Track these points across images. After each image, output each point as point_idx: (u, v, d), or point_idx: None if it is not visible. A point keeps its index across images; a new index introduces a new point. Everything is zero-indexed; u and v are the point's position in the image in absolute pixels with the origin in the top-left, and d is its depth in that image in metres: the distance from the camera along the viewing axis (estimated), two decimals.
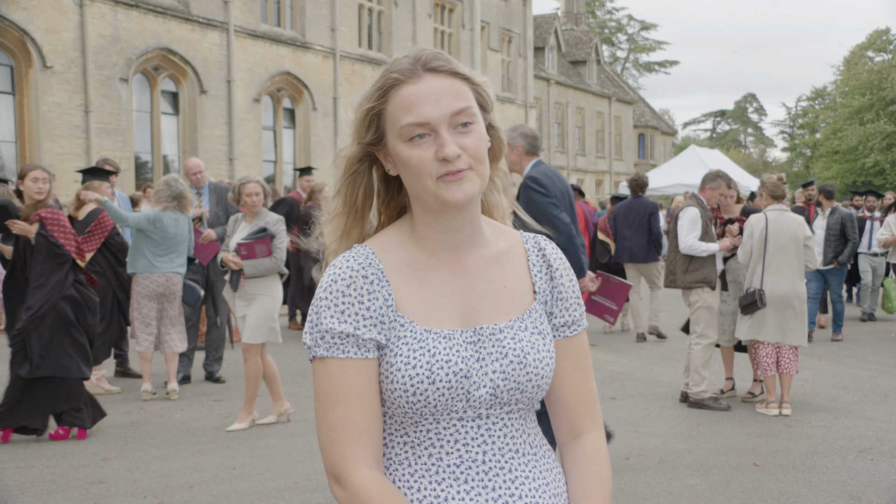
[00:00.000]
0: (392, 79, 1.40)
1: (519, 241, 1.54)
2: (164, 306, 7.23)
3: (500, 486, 1.39)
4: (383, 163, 1.46)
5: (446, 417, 1.38)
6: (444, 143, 1.36)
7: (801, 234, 6.74)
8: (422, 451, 1.39)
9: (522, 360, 1.41)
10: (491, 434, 1.40)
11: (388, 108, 1.40)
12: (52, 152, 16.82)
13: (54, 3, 16.81)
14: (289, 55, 22.31)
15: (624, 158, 45.44)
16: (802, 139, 58.57)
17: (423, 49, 1.43)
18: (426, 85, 1.38)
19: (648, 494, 4.80)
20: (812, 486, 4.92)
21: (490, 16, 32.08)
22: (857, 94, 40.70)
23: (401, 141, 1.38)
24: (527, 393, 1.42)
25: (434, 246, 1.45)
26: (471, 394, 1.38)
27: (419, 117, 1.36)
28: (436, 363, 1.36)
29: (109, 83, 17.91)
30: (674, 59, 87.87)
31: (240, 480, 5.03)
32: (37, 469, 5.25)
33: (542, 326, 1.47)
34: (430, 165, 1.36)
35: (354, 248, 1.44)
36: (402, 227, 1.48)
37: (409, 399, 1.35)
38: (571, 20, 45.19)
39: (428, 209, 1.42)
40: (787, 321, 6.66)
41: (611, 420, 6.50)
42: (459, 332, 1.41)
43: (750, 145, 74.90)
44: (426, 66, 1.39)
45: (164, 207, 7.15)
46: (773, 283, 6.67)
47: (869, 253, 12.09)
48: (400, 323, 1.39)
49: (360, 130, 1.45)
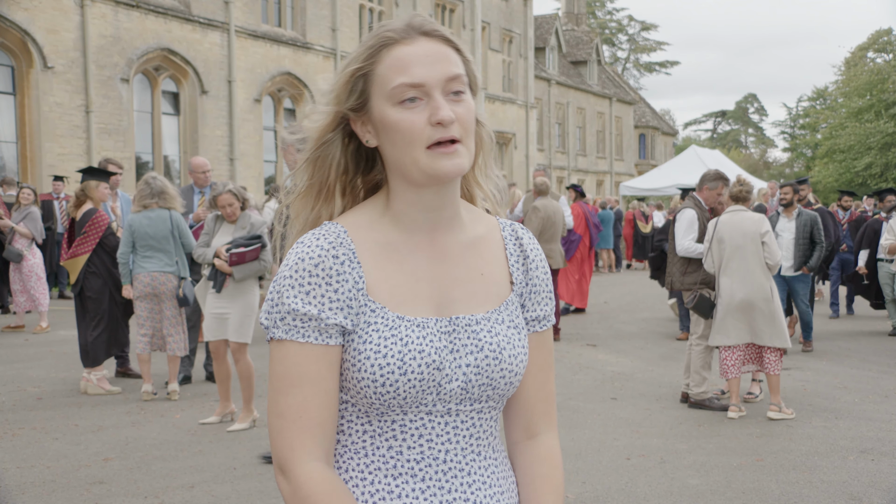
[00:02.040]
0: (385, 37, 1.31)
1: (496, 227, 1.45)
2: (159, 307, 7.15)
3: (456, 487, 1.33)
4: (359, 133, 1.36)
5: (414, 410, 1.30)
6: (438, 107, 1.27)
7: (757, 231, 6.48)
8: (381, 443, 1.32)
9: (498, 356, 1.34)
10: (457, 432, 1.34)
11: (378, 69, 1.31)
12: (53, 152, 16.83)
13: (55, 4, 16.82)
14: (289, 55, 22.31)
15: (625, 159, 45.44)
16: (803, 139, 58.55)
17: (415, 14, 1.36)
18: (421, 46, 1.30)
19: (649, 495, 4.79)
20: (813, 487, 4.92)
21: (491, 16, 32.09)
22: (857, 95, 40.70)
23: (390, 104, 1.29)
24: (498, 389, 1.35)
25: (411, 225, 1.36)
26: (442, 387, 1.30)
27: (413, 78, 1.28)
28: (408, 353, 1.28)
29: (110, 83, 17.92)
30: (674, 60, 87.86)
31: (241, 480, 5.03)
32: (38, 469, 5.25)
33: (518, 320, 1.40)
34: (422, 130, 1.28)
35: (325, 226, 1.34)
36: (376, 205, 1.38)
37: (378, 390, 1.27)
38: (572, 20, 45.18)
39: (411, 182, 1.32)
40: (758, 322, 6.47)
41: (611, 420, 6.50)
42: (434, 321, 1.32)
43: (751, 146, 74.88)
44: (420, 29, 1.32)
45: (140, 207, 7.05)
46: (733, 285, 6.50)
47: (886, 259, 10.73)
48: (371, 308, 1.30)
49: (340, 94, 1.34)
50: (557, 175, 37.78)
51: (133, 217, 7.09)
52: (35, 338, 10.40)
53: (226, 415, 6.40)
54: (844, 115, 41.93)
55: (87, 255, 7.43)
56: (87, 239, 7.44)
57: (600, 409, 6.87)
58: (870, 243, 11.25)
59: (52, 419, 6.47)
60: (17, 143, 16.93)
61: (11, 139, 16.92)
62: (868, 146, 38.25)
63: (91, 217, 7.47)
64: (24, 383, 7.77)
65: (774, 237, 6.61)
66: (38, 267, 10.83)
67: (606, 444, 5.79)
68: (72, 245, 7.54)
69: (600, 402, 7.10)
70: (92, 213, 7.49)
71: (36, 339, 10.28)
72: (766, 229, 6.50)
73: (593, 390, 7.58)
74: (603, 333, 11.09)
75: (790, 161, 63.98)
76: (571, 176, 39.22)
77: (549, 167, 34.81)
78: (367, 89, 1.33)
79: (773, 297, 6.52)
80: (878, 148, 38.01)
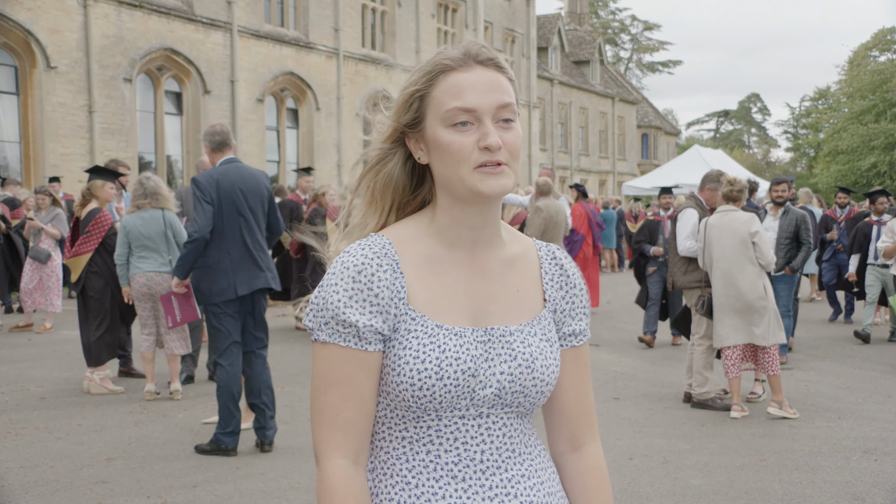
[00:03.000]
0: (442, 64, 1.40)
1: (532, 248, 1.54)
2: (156, 307, 7.18)
3: (496, 484, 1.40)
4: (412, 149, 1.45)
5: (448, 414, 1.38)
6: (487, 133, 1.36)
7: (746, 231, 6.44)
8: (420, 448, 1.39)
9: (530, 365, 1.41)
10: (490, 433, 1.40)
11: (434, 92, 1.40)
12: (56, 152, 16.86)
13: (58, 4, 16.84)
14: (292, 55, 22.32)
15: (627, 158, 45.41)
16: (806, 139, 58.48)
17: (472, 42, 1.44)
18: (476, 75, 1.39)
19: (652, 495, 4.79)
20: (816, 487, 4.91)
21: (493, 16, 32.08)
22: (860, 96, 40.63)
23: (442, 125, 1.38)
24: (530, 398, 1.42)
25: (454, 241, 1.44)
26: (476, 393, 1.38)
27: (466, 103, 1.37)
28: (445, 359, 1.36)
29: (113, 83, 17.94)
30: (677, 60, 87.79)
31: (243, 480, 5.04)
32: (41, 469, 5.26)
33: (550, 334, 1.48)
34: (470, 153, 1.36)
35: (370, 237, 1.42)
36: (420, 220, 1.47)
37: (415, 393, 1.35)
38: (575, 20, 45.16)
39: (458, 199, 1.41)
40: (754, 321, 6.46)
41: (614, 420, 6.49)
42: (470, 331, 1.40)
43: (753, 145, 74.81)
44: (476, 57, 1.41)
45: (134, 208, 7.09)
46: (726, 286, 6.49)
47: (877, 264, 10.28)
48: (411, 316, 1.38)
49: (399, 111, 1.44)
50: (560, 175, 37.74)
51: (127, 218, 7.11)
52: (38, 337, 10.42)
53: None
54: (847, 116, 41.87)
55: (89, 255, 7.44)
56: (89, 238, 7.44)
57: (603, 409, 6.87)
58: (860, 248, 10.73)
59: (55, 419, 6.48)
60: (20, 143, 16.95)
61: (14, 139, 16.94)
62: (871, 147, 38.19)
63: (95, 216, 7.48)
64: (28, 383, 7.78)
65: (764, 237, 6.56)
66: (59, 268, 10.88)
67: (609, 445, 5.78)
68: (75, 244, 7.55)
69: (603, 403, 7.09)
70: (96, 213, 7.50)
71: (39, 339, 10.29)
72: (756, 229, 6.47)
73: (596, 390, 7.57)
74: (605, 333, 11.08)
75: (793, 161, 63.91)
76: (574, 176, 39.20)
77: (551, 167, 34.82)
78: (422, 109, 1.42)
79: (768, 295, 6.50)
80: (881, 148, 37.96)
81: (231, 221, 5.44)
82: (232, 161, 5.61)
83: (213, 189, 5.41)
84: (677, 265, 7.31)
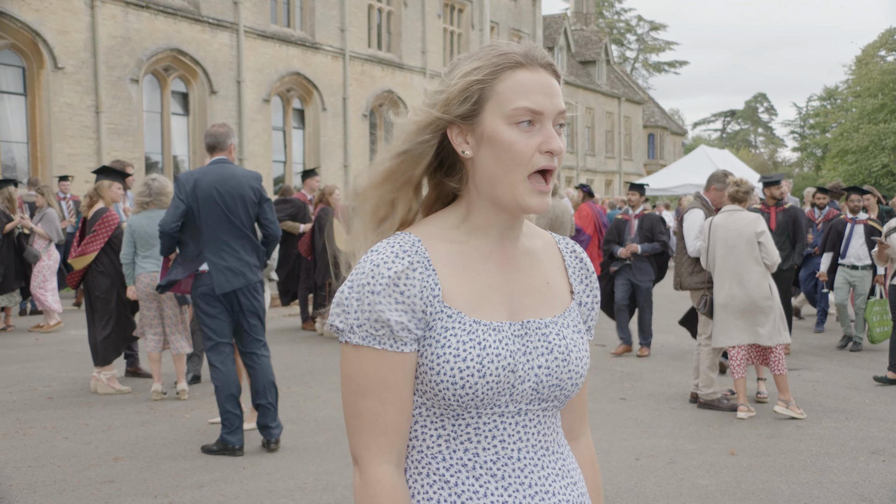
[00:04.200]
0: (513, 60, 1.37)
1: (552, 242, 1.54)
2: (161, 306, 7.21)
3: (535, 482, 1.39)
4: (454, 141, 1.39)
5: (488, 412, 1.36)
6: (551, 137, 1.35)
7: (751, 231, 6.44)
8: (457, 446, 1.37)
9: (567, 357, 1.41)
10: (527, 431, 1.40)
11: (498, 87, 1.36)
12: (64, 153, 16.90)
13: (66, 5, 16.89)
14: (298, 56, 22.34)
15: (633, 158, 45.34)
16: (813, 139, 58.31)
17: (534, 45, 1.42)
18: (542, 77, 1.37)
19: (658, 495, 4.78)
20: (823, 488, 4.90)
21: (500, 16, 32.06)
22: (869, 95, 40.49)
23: (506, 122, 1.35)
24: (565, 390, 1.42)
25: (484, 238, 1.42)
26: (515, 388, 1.36)
27: (535, 104, 1.35)
28: (486, 356, 1.33)
29: (120, 84, 17.98)
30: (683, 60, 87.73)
31: (250, 480, 5.04)
32: (48, 468, 5.27)
33: (580, 325, 1.49)
34: (531, 155, 1.35)
35: (398, 235, 1.38)
36: (448, 217, 1.44)
37: (457, 392, 1.33)
38: (581, 20, 45.11)
39: (497, 205, 1.38)
40: (759, 322, 6.45)
41: (620, 421, 6.48)
42: (508, 325, 1.38)
43: (760, 145, 74.64)
44: (541, 60, 1.39)
45: (140, 208, 7.15)
46: (732, 286, 6.48)
47: (847, 265, 9.63)
48: (447, 314, 1.35)
49: (452, 100, 1.37)
50: (566, 175, 37.72)
51: (133, 218, 7.18)
52: (46, 337, 10.45)
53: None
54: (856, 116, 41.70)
55: (94, 254, 7.46)
56: (95, 238, 7.47)
57: (609, 409, 6.86)
58: (833, 246, 9.99)
59: (62, 418, 6.50)
60: (27, 144, 17.00)
61: (22, 140, 16.99)
62: (882, 147, 38.06)
63: (101, 216, 7.50)
64: (35, 382, 7.81)
65: (770, 237, 6.56)
66: (48, 268, 10.91)
67: (615, 445, 5.78)
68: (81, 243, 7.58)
69: (609, 403, 7.08)
70: (102, 213, 7.52)
71: (46, 339, 10.32)
72: (762, 229, 6.47)
73: (602, 390, 7.57)
74: (612, 334, 11.06)
75: (800, 161, 63.74)
76: (580, 176, 39.16)
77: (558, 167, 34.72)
78: (481, 102, 1.37)
79: (773, 295, 6.50)
80: (891, 148, 37.83)
81: (208, 221, 5.46)
82: (220, 162, 5.62)
83: (188, 187, 5.46)
84: (684, 266, 7.29)
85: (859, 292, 9.50)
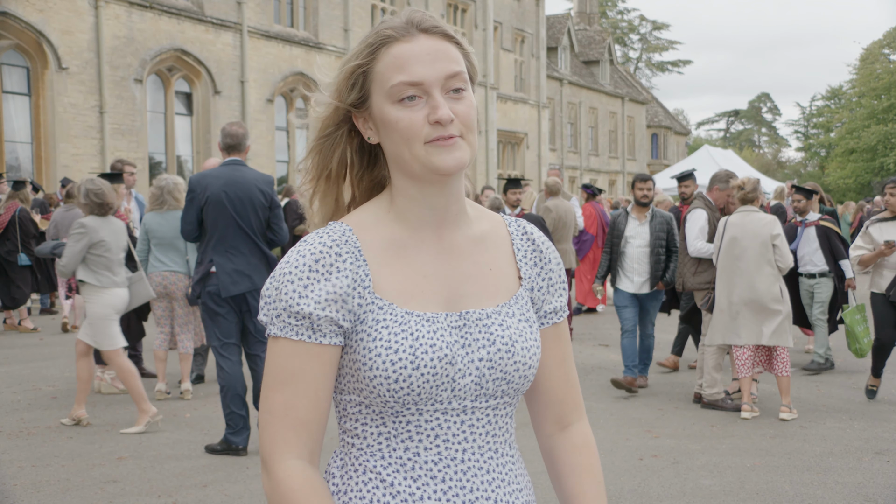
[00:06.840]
0: (384, 35, 1.30)
1: (501, 224, 1.45)
2: (171, 305, 7.26)
3: (477, 486, 1.31)
4: (362, 129, 1.36)
5: (430, 409, 1.29)
6: (437, 106, 1.27)
7: (767, 233, 6.46)
8: (398, 444, 1.30)
9: (510, 349, 1.32)
10: (473, 431, 1.32)
11: (377, 67, 1.30)
12: (67, 153, 16.93)
13: (70, 5, 16.92)
14: (302, 56, 22.36)
15: (637, 158, 45.30)
16: (817, 139, 58.22)
17: (415, 10, 1.33)
18: (420, 44, 1.29)
19: (662, 495, 4.78)
20: (827, 488, 4.89)
21: (503, 16, 32.05)
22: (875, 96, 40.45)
23: (389, 102, 1.29)
24: (513, 384, 1.34)
25: (416, 222, 1.34)
26: (455, 382, 1.28)
27: (412, 76, 1.27)
28: (419, 347, 1.26)
29: (124, 84, 18.01)
30: (686, 59, 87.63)
31: (253, 480, 5.05)
32: (52, 468, 5.28)
33: (529, 314, 1.39)
34: (420, 129, 1.27)
35: (330, 225, 1.33)
36: (380, 203, 1.37)
37: (391, 386, 1.26)
38: (584, 20, 45.10)
39: (413, 178, 1.31)
40: (766, 323, 6.46)
41: (624, 421, 6.48)
42: (444, 316, 1.31)
43: (764, 145, 74.54)
44: (420, 26, 1.31)
45: (155, 207, 7.21)
46: (742, 285, 6.49)
47: (804, 273, 8.31)
48: (378, 305, 1.28)
49: (342, 90, 1.34)
50: (570, 175, 37.72)
51: (147, 217, 7.27)
52: (50, 337, 10.47)
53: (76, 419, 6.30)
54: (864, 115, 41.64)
55: None
56: None
57: (613, 409, 6.85)
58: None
59: (66, 418, 6.51)
60: (31, 144, 17.03)
61: (26, 140, 17.02)
62: (891, 145, 38.02)
63: None
64: (39, 382, 7.82)
65: (785, 240, 6.58)
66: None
67: (619, 445, 5.77)
68: None
69: (612, 402, 7.08)
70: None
71: (51, 339, 10.34)
72: (778, 231, 6.50)
73: (606, 390, 7.56)
74: (615, 333, 11.05)
75: (804, 161, 63.65)
76: (584, 176, 39.15)
77: (561, 167, 34.81)
78: (367, 86, 1.32)
79: (784, 298, 6.51)
80: None
81: (216, 223, 5.48)
82: (234, 163, 5.61)
83: (198, 189, 5.49)
84: (687, 266, 7.28)
85: (818, 300, 8.25)
